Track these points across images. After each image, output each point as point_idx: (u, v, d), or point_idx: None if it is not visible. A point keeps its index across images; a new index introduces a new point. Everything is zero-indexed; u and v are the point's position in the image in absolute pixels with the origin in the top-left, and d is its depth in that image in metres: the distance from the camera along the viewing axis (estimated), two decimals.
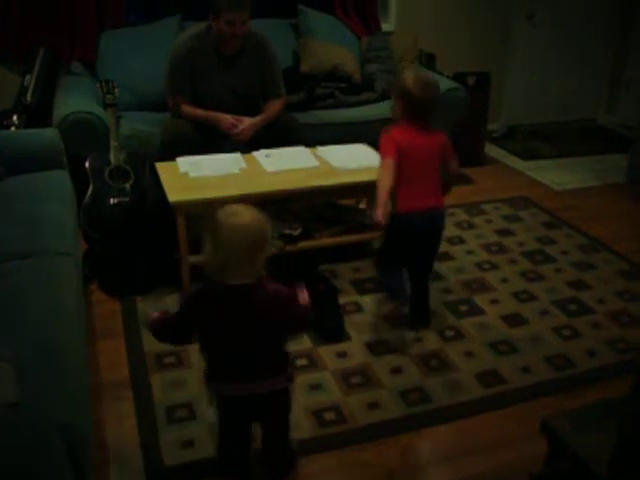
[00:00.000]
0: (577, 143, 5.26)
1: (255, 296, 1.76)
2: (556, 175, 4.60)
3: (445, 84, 4.14)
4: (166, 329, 1.89)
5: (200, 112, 3.49)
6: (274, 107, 3.59)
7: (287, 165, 3.21)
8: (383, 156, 2.49)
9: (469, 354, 2.65)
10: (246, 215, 1.74)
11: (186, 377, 2.46)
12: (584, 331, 2.82)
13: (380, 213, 2.40)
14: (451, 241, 3.57)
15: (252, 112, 3.54)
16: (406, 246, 2.63)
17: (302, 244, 3.16)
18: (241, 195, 2.94)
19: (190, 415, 2.29)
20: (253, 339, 1.80)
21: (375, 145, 3.61)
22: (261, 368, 1.85)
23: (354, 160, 3.29)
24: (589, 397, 2.41)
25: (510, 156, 4.96)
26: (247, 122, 3.47)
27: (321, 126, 3.88)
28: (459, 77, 4.44)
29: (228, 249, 1.70)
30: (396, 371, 2.54)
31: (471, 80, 4.47)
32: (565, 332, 2.81)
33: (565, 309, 2.98)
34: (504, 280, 3.21)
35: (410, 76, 2.52)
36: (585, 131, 5.58)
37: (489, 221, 3.85)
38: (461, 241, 3.60)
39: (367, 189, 3.32)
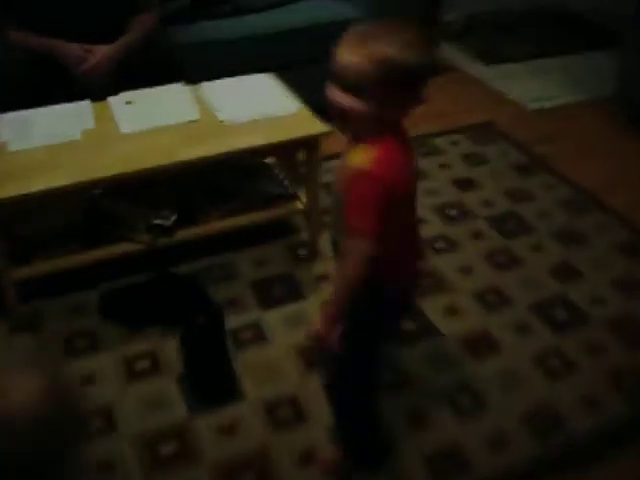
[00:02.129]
0: (549, 37, 4.23)
1: None
2: (528, 86, 3.63)
3: None
4: None
5: (34, 40, 2.42)
6: (141, 25, 2.53)
7: (152, 120, 2.21)
8: (360, 230, 1.24)
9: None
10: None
11: None
12: (581, 361, 1.99)
13: (328, 331, 1.35)
14: None
15: (114, 36, 2.47)
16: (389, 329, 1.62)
17: (181, 234, 2.23)
18: (73, 184, 1.96)
19: None
20: None
21: (292, 72, 2.65)
22: None
23: (250, 104, 2.30)
24: None
25: (470, 59, 3.94)
26: (100, 52, 2.42)
27: (213, 45, 2.82)
28: None
29: None
30: (308, 459, 1.71)
31: None
32: (553, 364, 1.98)
33: (552, 321, 2.13)
34: (465, 271, 2.33)
35: (383, 36, 1.19)
36: (557, 20, 4.50)
37: (445, 166, 2.92)
38: None
39: (274, 151, 2.38)
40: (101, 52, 2.41)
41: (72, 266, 2.13)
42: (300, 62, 2.90)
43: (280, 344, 2.03)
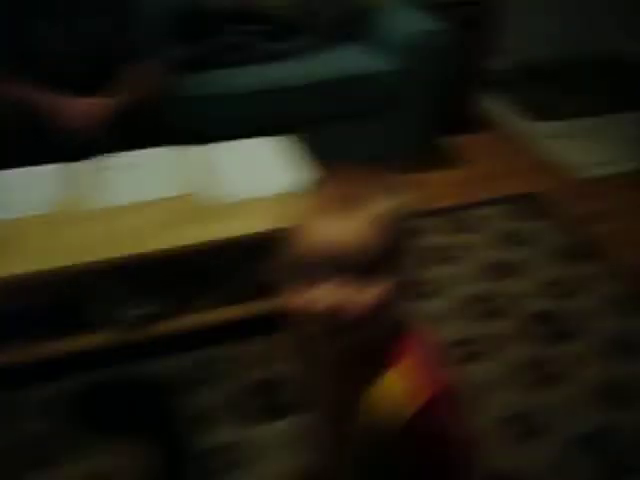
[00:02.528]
0: (606, 91, 3.80)
1: None
2: (578, 148, 3.24)
3: (421, 24, 2.76)
4: None
5: (17, 91, 2.14)
6: (142, 76, 2.24)
7: (135, 193, 1.92)
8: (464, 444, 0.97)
9: None
10: None
11: None
12: None
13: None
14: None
15: (109, 84, 2.18)
16: None
17: (160, 326, 1.92)
18: (27, 274, 1.66)
19: None
20: None
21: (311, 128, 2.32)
22: None
23: (255, 176, 1.99)
24: None
25: (515, 114, 3.56)
26: (88, 108, 2.12)
27: (221, 98, 2.53)
28: (441, 8, 2.98)
29: None
30: None
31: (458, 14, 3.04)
32: None
33: (595, 461, 1.75)
34: (492, 386, 1.96)
35: (366, 187, 0.85)
36: (610, 70, 4.02)
37: (475, 247, 2.55)
38: (435, 292, 2.31)
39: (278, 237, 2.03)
40: (89, 108, 2.11)
41: (33, 359, 1.85)
42: (320, 118, 2.59)
43: (270, 472, 1.69)
